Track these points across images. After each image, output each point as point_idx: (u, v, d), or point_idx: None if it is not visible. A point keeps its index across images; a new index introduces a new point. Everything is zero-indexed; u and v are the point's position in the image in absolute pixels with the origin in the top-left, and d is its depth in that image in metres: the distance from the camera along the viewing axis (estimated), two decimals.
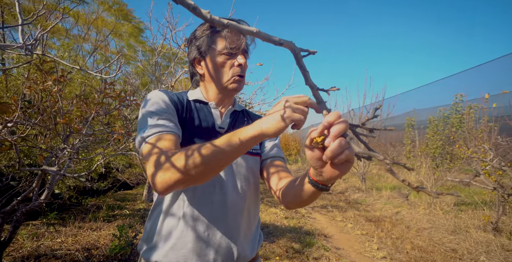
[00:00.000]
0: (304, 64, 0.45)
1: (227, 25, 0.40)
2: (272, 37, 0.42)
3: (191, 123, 0.72)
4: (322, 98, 0.47)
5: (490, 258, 2.33)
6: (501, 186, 2.88)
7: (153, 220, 0.71)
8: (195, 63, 0.79)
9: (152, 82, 3.75)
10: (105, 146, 2.07)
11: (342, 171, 0.45)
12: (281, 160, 0.80)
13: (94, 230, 2.90)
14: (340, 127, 0.41)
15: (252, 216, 0.78)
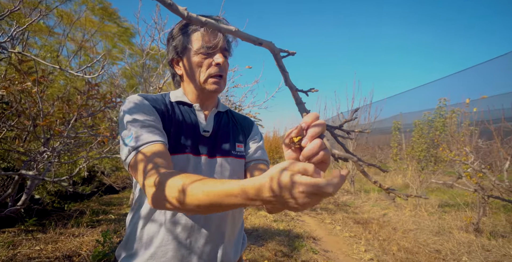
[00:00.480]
0: (283, 65, 0.45)
1: (205, 23, 0.39)
2: (251, 37, 0.42)
3: (176, 127, 0.69)
4: (301, 99, 0.47)
5: (472, 258, 2.40)
6: (482, 188, 2.98)
7: (133, 225, 0.68)
8: (173, 64, 0.76)
9: (140, 83, 3.69)
10: (88, 149, 2.01)
11: None
12: (265, 164, 0.79)
13: (77, 236, 2.79)
14: (317, 128, 0.41)
15: (237, 220, 0.76)
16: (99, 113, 2.05)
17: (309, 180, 0.35)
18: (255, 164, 0.77)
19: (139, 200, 0.70)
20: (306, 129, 0.42)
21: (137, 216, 0.68)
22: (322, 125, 0.42)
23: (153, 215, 0.66)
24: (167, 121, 0.69)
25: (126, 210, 4.17)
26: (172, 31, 0.75)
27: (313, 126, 0.42)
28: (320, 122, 0.42)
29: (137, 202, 0.70)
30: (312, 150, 0.41)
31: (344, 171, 0.36)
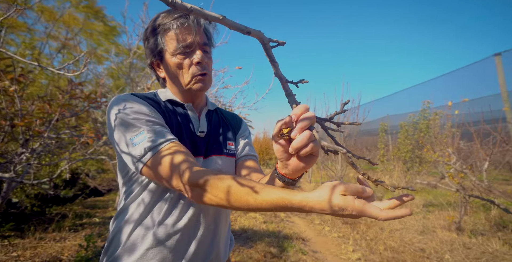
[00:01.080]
0: (273, 55, 0.44)
1: (190, 9, 0.37)
2: (239, 25, 0.40)
3: (174, 127, 0.67)
4: (291, 90, 0.46)
5: (454, 256, 2.48)
6: (463, 188, 3.09)
7: (118, 229, 0.65)
8: (154, 67, 0.73)
9: (127, 84, 3.60)
10: (71, 151, 1.93)
11: (307, 164, 0.46)
12: (253, 159, 0.78)
13: (58, 241, 2.68)
14: (306, 119, 0.41)
15: (228, 219, 0.78)
16: (83, 113, 1.98)
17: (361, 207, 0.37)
18: (243, 161, 0.77)
19: (125, 203, 0.67)
20: (296, 120, 0.42)
21: (123, 219, 0.65)
22: (312, 117, 0.42)
23: (141, 218, 0.64)
24: (166, 121, 0.65)
25: (112, 213, 4.05)
26: (146, 30, 0.70)
27: (303, 117, 0.42)
28: (310, 114, 0.42)
29: (124, 205, 0.67)
30: (302, 142, 0.41)
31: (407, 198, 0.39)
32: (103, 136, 2.54)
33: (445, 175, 3.30)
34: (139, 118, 0.58)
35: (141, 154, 0.55)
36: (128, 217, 0.64)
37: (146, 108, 0.61)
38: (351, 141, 8.48)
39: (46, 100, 1.79)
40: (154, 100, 0.68)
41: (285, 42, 0.42)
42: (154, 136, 0.55)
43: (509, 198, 2.28)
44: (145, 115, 0.59)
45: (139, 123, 0.57)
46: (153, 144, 0.55)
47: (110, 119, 0.60)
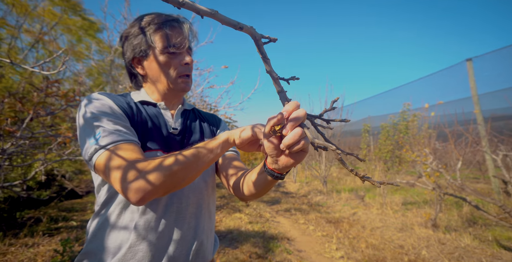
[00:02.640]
0: (264, 51, 0.44)
1: (182, 3, 0.36)
2: (231, 21, 0.40)
3: (143, 127, 0.67)
4: (282, 87, 0.47)
5: (430, 252, 2.60)
6: (438, 186, 3.26)
7: (96, 231, 0.64)
8: (134, 64, 0.73)
9: (108, 82, 3.46)
10: (46, 151, 1.83)
11: (297, 160, 0.47)
12: (234, 153, 0.80)
13: (30, 247, 2.53)
14: (298, 116, 0.42)
15: (213, 215, 0.77)
16: (60, 112, 1.88)
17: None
18: (224, 155, 0.79)
19: (104, 204, 0.65)
20: (287, 118, 0.43)
21: (102, 221, 0.64)
22: (303, 114, 0.43)
23: (119, 218, 0.62)
24: (133, 121, 0.66)
25: (90, 215, 3.88)
26: (130, 29, 0.71)
27: (294, 114, 0.43)
28: (301, 111, 0.43)
29: (102, 207, 0.65)
30: (293, 139, 0.42)
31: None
32: None
33: (422, 174, 3.46)
34: (100, 118, 0.58)
35: (92, 153, 0.55)
36: (106, 218, 0.63)
37: (110, 108, 0.62)
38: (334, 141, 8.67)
39: (18, 97, 1.68)
40: (125, 101, 0.68)
41: (277, 39, 0.43)
42: (109, 136, 0.55)
43: (479, 196, 2.43)
44: (107, 115, 0.59)
45: (99, 123, 0.57)
46: (105, 143, 0.55)
47: (77, 118, 0.62)
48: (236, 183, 0.68)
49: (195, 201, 0.69)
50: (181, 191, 0.67)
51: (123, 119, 0.62)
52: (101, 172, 0.54)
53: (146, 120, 0.69)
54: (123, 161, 0.52)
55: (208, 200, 0.73)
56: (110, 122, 0.58)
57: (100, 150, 0.54)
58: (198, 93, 4.71)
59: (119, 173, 0.50)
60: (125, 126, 0.60)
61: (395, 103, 8.51)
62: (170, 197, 0.66)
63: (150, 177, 0.49)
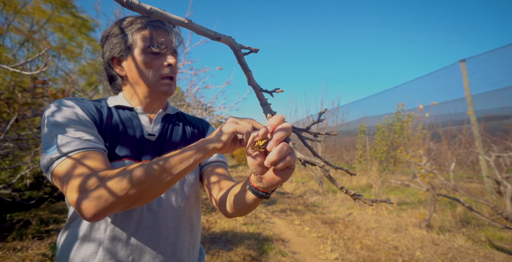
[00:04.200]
0: (245, 62, 0.42)
1: (150, 11, 0.33)
2: (206, 31, 0.37)
3: (114, 133, 0.62)
4: (266, 100, 0.44)
5: (424, 253, 2.61)
6: (432, 187, 3.27)
7: (66, 246, 0.59)
8: (113, 64, 0.68)
9: (101, 82, 3.41)
10: (33, 153, 1.78)
11: (283, 178, 0.44)
12: (223, 166, 0.75)
13: (19, 251, 2.47)
14: (282, 131, 0.40)
15: (196, 228, 0.71)
16: None
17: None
18: (212, 167, 0.73)
19: (73, 217, 0.61)
20: (272, 132, 0.41)
21: (72, 235, 0.60)
22: (288, 128, 0.40)
23: (91, 232, 0.58)
24: (102, 127, 0.61)
25: None
26: (111, 28, 0.67)
27: (279, 129, 0.40)
28: (286, 125, 0.41)
29: (71, 220, 0.62)
30: (278, 155, 0.39)
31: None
32: None
33: (417, 175, 3.48)
34: (61, 125, 0.54)
35: (49, 163, 0.51)
36: (76, 231, 0.59)
37: (75, 114, 0.57)
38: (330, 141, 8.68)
39: (4, 98, 1.63)
40: (95, 106, 0.64)
41: (258, 49, 0.40)
42: (68, 144, 0.51)
43: (472, 197, 2.44)
44: (70, 121, 0.55)
45: (58, 130, 0.53)
46: (63, 152, 0.50)
47: (41, 127, 0.59)
48: (220, 198, 0.64)
49: (173, 214, 0.64)
50: (157, 204, 0.62)
51: (90, 125, 0.58)
52: (57, 184, 0.50)
53: (117, 125, 0.64)
54: (78, 171, 0.47)
55: (190, 212, 0.68)
56: (72, 129, 0.54)
57: (58, 160, 0.50)
58: (193, 93, 4.66)
59: (72, 184, 0.46)
60: (90, 133, 0.56)
61: (390, 103, 8.56)
62: (145, 211, 0.61)
63: (105, 190, 0.43)
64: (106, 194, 0.43)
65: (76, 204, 0.44)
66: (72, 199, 0.45)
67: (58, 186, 0.51)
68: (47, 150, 0.52)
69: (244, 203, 0.54)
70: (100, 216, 0.45)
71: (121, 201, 0.44)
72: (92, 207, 0.43)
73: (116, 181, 0.44)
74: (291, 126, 0.41)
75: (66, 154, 0.50)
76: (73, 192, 0.45)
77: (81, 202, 0.44)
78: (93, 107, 0.63)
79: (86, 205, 0.44)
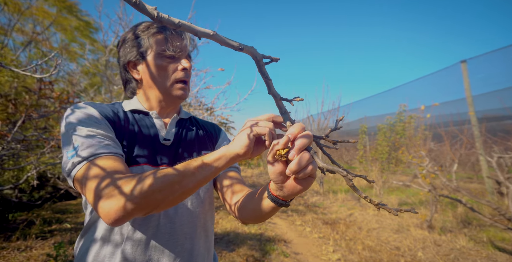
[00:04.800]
0: (266, 72, 0.43)
1: (178, 25, 0.35)
2: (230, 42, 0.39)
3: (131, 137, 0.63)
4: (285, 108, 0.45)
5: (426, 254, 2.62)
6: (434, 188, 3.28)
7: (84, 251, 0.60)
8: (129, 68, 0.69)
9: (103, 82, 3.41)
10: (39, 155, 1.78)
11: (305, 187, 0.44)
12: (235, 171, 0.76)
13: (23, 251, 2.48)
14: (304, 139, 0.40)
15: (210, 233, 0.72)
16: (54, 114, 1.84)
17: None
18: (225, 172, 0.73)
19: (93, 222, 0.62)
20: (293, 141, 0.41)
21: (91, 240, 0.60)
22: (310, 137, 0.41)
23: (110, 237, 0.59)
24: (120, 131, 0.62)
25: (84, 217, 3.83)
26: (128, 33, 0.68)
27: (300, 137, 0.40)
28: (307, 133, 0.41)
29: (91, 225, 0.62)
30: (300, 164, 0.39)
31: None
32: None
33: (418, 176, 3.49)
34: (81, 130, 0.54)
35: (71, 168, 0.51)
36: (95, 234, 0.60)
37: (94, 118, 0.58)
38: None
39: (11, 99, 1.64)
40: (112, 110, 0.65)
41: (279, 58, 0.41)
42: (89, 148, 0.52)
43: (474, 198, 2.45)
44: (89, 126, 0.56)
45: (78, 135, 0.54)
46: (84, 156, 0.51)
47: (60, 130, 0.59)
48: (235, 204, 0.64)
49: (190, 220, 0.65)
50: (174, 209, 0.63)
51: (108, 130, 0.58)
52: (79, 187, 0.51)
53: (134, 130, 0.65)
54: (99, 176, 0.47)
55: (204, 217, 0.69)
56: (91, 133, 0.54)
57: (79, 164, 0.50)
58: (194, 94, 4.67)
59: (94, 189, 0.46)
60: (108, 138, 0.56)
61: (391, 103, 8.55)
62: (162, 216, 0.62)
63: (127, 196, 0.43)
64: (128, 199, 0.43)
65: (98, 208, 0.45)
66: (94, 203, 0.46)
67: (79, 190, 0.51)
68: (68, 154, 0.52)
69: (261, 211, 0.54)
70: (121, 221, 0.45)
71: (142, 207, 0.44)
72: (113, 212, 0.44)
73: (137, 187, 0.44)
74: (312, 135, 0.42)
75: (86, 159, 0.50)
76: (96, 196, 0.46)
77: (103, 206, 0.44)
78: (110, 111, 0.64)
79: (108, 209, 0.44)
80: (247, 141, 0.45)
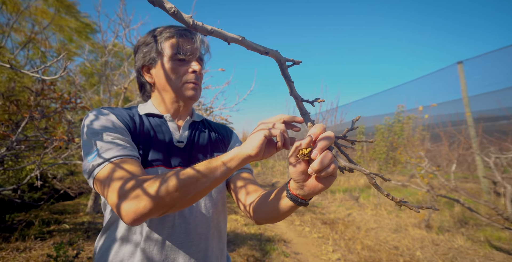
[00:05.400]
0: (289, 74, 0.45)
1: (211, 31, 0.37)
2: (257, 46, 0.41)
3: (146, 140, 0.66)
4: (306, 109, 0.47)
5: (424, 253, 2.65)
6: (432, 188, 3.32)
7: (105, 250, 0.62)
8: (143, 72, 0.72)
9: (102, 82, 3.39)
10: (42, 155, 1.78)
11: (326, 185, 0.45)
12: (248, 172, 0.77)
13: (22, 251, 2.46)
14: (326, 140, 0.42)
15: (223, 234, 0.74)
16: (55, 114, 1.83)
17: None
18: (238, 174, 0.75)
19: (110, 223, 0.64)
20: (315, 140, 0.42)
21: (111, 239, 0.62)
22: (331, 137, 0.42)
23: (129, 235, 0.61)
24: (135, 134, 0.65)
25: (83, 218, 3.80)
26: (141, 40, 0.72)
27: (322, 137, 0.42)
28: (329, 133, 0.43)
29: (108, 225, 0.64)
30: (323, 163, 0.41)
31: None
32: (76, 139, 2.38)
33: (417, 176, 3.52)
34: (100, 134, 0.57)
35: (91, 170, 0.54)
36: (115, 233, 0.62)
37: (112, 122, 0.61)
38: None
39: (12, 100, 1.63)
40: (128, 114, 0.67)
41: (301, 61, 0.43)
42: (108, 151, 0.54)
43: (472, 197, 2.49)
44: (108, 130, 0.58)
45: (97, 139, 0.56)
46: (104, 158, 0.53)
47: (81, 134, 0.62)
48: (251, 205, 0.65)
49: (203, 220, 0.66)
50: (188, 210, 0.65)
51: (125, 133, 0.61)
52: (98, 189, 0.53)
53: (149, 133, 0.67)
54: (118, 178, 0.49)
55: (217, 217, 0.70)
56: (110, 137, 0.57)
57: (98, 167, 0.52)
58: None
59: (113, 190, 0.48)
60: (125, 141, 0.59)
61: (389, 104, 8.62)
62: (177, 217, 0.63)
63: (145, 196, 0.45)
64: (145, 199, 0.45)
65: (116, 207, 0.47)
66: (113, 203, 0.47)
67: (99, 191, 0.53)
68: (88, 157, 0.55)
69: (279, 211, 0.55)
70: (139, 220, 0.47)
71: (159, 206, 0.46)
72: (132, 211, 0.45)
73: (155, 187, 0.46)
74: (334, 135, 0.43)
75: (107, 160, 0.53)
76: (114, 196, 0.47)
77: (121, 206, 0.46)
78: (126, 115, 0.66)
79: (126, 209, 0.46)
80: (259, 142, 0.46)
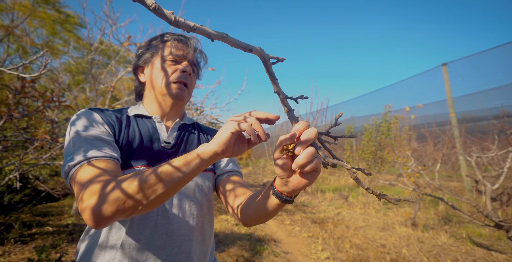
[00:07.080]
0: (273, 71, 0.45)
1: (193, 28, 0.37)
2: (241, 43, 0.40)
3: (130, 142, 0.65)
4: (290, 106, 0.47)
5: (410, 250, 2.72)
6: (418, 187, 3.41)
7: (85, 254, 0.61)
8: (138, 72, 0.75)
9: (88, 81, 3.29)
10: (22, 156, 1.70)
11: (310, 181, 0.46)
12: (238, 175, 0.77)
13: (0, 256, 2.36)
14: (309, 135, 0.42)
15: (208, 237, 0.72)
16: (37, 113, 1.76)
17: None
18: (227, 177, 0.75)
19: None
20: (299, 136, 0.43)
21: (91, 241, 0.62)
22: (314, 133, 0.43)
23: (109, 238, 0.60)
24: (120, 135, 0.64)
25: (68, 220, 3.69)
26: (141, 45, 0.76)
27: (306, 133, 0.42)
28: (312, 129, 0.43)
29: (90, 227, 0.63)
30: (306, 158, 0.41)
31: None
32: (60, 138, 2.30)
33: (404, 175, 3.61)
34: (79, 134, 0.57)
35: (67, 171, 0.54)
36: (95, 236, 0.61)
37: (93, 124, 0.60)
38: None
39: None
40: (115, 116, 0.67)
41: (285, 59, 0.43)
42: (85, 153, 0.54)
43: (456, 196, 2.57)
44: (87, 130, 0.58)
45: (77, 139, 0.56)
46: (80, 159, 0.53)
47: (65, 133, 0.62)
48: (238, 207, 0.65)
49: (187, 221, 0.66)
50: (171, 210, 0.64)
51: (107, 134, 0.61)
52: (74, 189, 0.52)
53: (135, 134, 0.67)
54: (91, 179, 0.49)
55: (202, 220, 0.69)
56: (90, 138, 0.57)
57: (74, 167, 0.52)
58: None
59: (79, 191, 0.48)
60: (106, 142, 0.58)
61: (377, 104, 8.81)
62: (160, 217, 0.62)
63: (107, 198, 0.44)
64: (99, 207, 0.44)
65: (79, 210, 0.46)
66: (78, 204, 0.47)
67: (74, 191, 0.52)
68: (66, 158, 0.55)
69: (266, 209, 0.55)
70: (100, 225, 0.45)
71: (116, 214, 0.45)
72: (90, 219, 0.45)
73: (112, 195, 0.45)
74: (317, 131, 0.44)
75: (83, 161, 0.53)
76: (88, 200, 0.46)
77: (82, 212, 0.46)
78: (113, 116, 0.66)
79: (85, 216, 0.45)
80: (225, 139, 0.45)
